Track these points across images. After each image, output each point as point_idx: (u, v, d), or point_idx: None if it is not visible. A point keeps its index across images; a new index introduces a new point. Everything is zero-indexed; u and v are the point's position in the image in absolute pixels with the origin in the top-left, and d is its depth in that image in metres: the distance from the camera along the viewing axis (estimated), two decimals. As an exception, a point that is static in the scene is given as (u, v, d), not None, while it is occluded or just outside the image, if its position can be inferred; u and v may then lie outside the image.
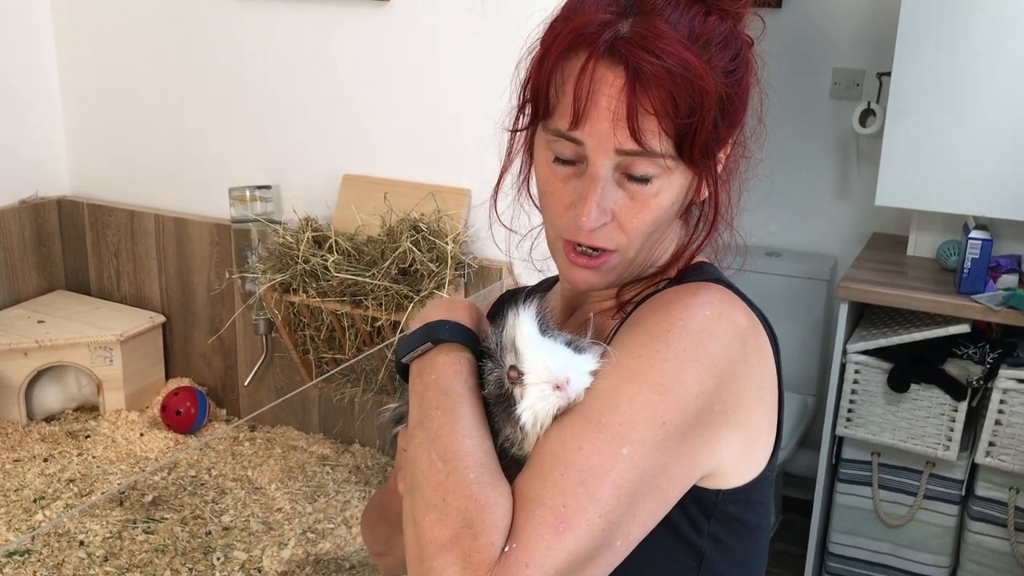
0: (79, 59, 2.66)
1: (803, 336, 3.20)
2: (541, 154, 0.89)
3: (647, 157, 0.83)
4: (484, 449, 0.78)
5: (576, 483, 0.73)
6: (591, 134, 0.82)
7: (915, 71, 2.52)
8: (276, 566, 1.88)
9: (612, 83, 0.81)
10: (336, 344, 2.21)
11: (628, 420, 0.76)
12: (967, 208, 2.53)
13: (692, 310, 0.83)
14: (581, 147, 0.84)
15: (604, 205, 0.85)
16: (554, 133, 0.86)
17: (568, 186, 0.87)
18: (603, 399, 0.78)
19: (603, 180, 0.84)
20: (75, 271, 2.76)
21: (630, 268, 0.91)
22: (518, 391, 0.79)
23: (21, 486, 2.12)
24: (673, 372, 0.79)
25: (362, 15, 2.24)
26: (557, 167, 0.87)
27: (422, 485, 0.76)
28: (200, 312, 2.58)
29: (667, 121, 0.81)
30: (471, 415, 0.80)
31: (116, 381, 2.46)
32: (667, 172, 0.85)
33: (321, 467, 2.30)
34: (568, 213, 0.87)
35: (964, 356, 2.47)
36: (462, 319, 0.87)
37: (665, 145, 0.82)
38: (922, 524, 2.60)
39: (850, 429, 2.60)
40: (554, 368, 0.78)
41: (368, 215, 2.20)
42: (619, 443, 0.75)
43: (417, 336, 0.87)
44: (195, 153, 2.56)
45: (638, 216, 0.86)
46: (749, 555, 0.92)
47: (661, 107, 0.80)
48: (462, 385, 0.82)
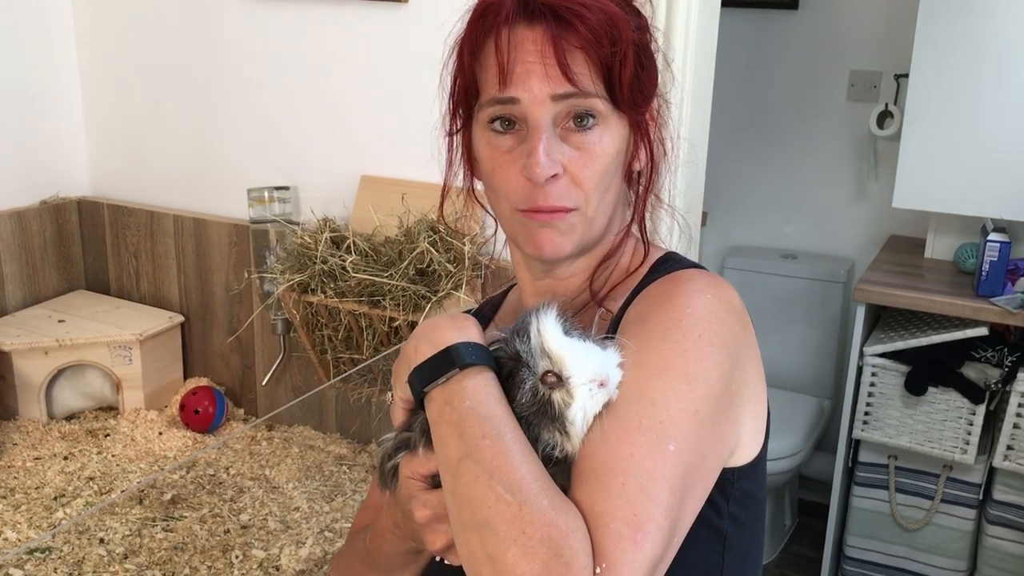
0: (99, 61, 2.69)
1: (819, 338, 3.19)
2: (481, 138, 0.92)
3: (582, 97, 0.86)
4: (543, 472, 0.76)
5: (638, 490, 0.74)
6: (524, 88, 0.86)
7: (933, 73, 2.52)
8: (294, 564, 1.89)
9: (532, 38, 0.86)
10: (353, 344, 2.22)
11: (666, 416, 0.78)
12: (985, 210, 2.53)
13: (694, 296, 0.86)
14: (517, 106, 0.87)
15: (552, 155, 0.87)
16: (488, 104, 0.89)
17: (512, 155, 0.89)
18: (638, 400, 0.79)
19: (545, 129, 0.87)
20: (95, 271, 2.78)
21: (591, 231, 0.93)
22: (558, 395, 0.79)
23: (42, 484, 2.14)
24: (695, 360, 0.81)
25: (380, 16, 2.25)
26: (498, 140, 0.90)
27: (493, 521, 0.72)
28: (218, 312, 2.59)
29: (592, 52, 0.85)
30: (519, 439, 0.77)
31: (135, 380, 2.48)
32: (604, 119, 0.88)
33: (338, 467, 2.31)
34: (520, 180, 0.89)
35: (982, 359, 2.46)
36: (474, 336, 0.83)
37: (597, 85, 0.87)
38: (939, 528, 2.59)
39: (867, 432, 2.59)
40: (595, 367, 0.80)
41: (386, 216, 2.21)
42: (664, 441, 0.77)
43: (438, 363, 0.82)
44: (214, 154, 2.57)
45: (588, 166, 0.89)
46: (758, 528, 0.96)
47: (584, 41, 0.85)
48: (500, 408, 0.78)
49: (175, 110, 2.60)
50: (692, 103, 1.96)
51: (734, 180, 3.34)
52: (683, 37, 1.90)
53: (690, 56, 1.92)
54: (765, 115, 3.28)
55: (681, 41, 1.90)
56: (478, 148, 0.94)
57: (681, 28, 1.89)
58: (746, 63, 3.25)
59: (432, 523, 0.85)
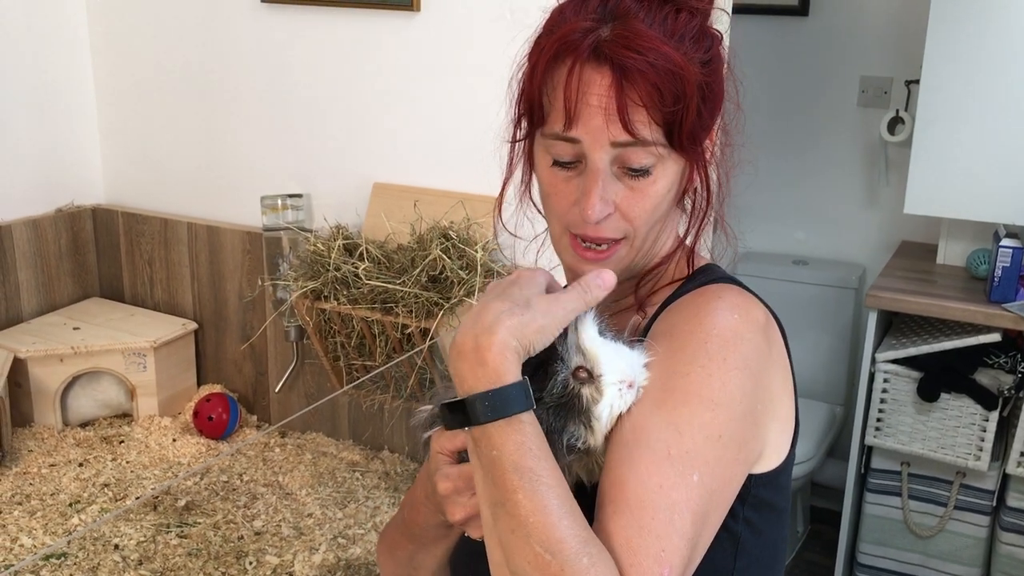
0: (114, 70, 2.71)
1: (831, 345, 3.19)
2: (541, 159, 0.95)
3: (640, 147, 0.89)
4: (580, 524, 0.76)
5: (666, 524, 0.77)
6: (586, 131, 0.89)
7: (944, 78, 2.51)
8: (307, 571, 1.89)
9: (600, 83, 0.88)
10: (366, 351, 2.23)
11: (692, 446, 0.81)
12: (997, 216, 2.52)
13: (720, 316, 0.88)
14: (578, 145, 0.90)
15: (606, 197, 0.91)
16: (551, 137, 0.92)
17: (570, 185, 0.93)
18: (665, 428, 0.81)
19: (603, 173, 0.90)
20: (109, 278, 2.80)
21: (637, 257, 0.96)
22: (587, 390, 0.83)
23: (57, 490, 2.15)
24: (719, 385, 0.83)
25: (393, 24, 2.26)
26: (558, 170, 0.93)
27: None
28: (232, 319, 2.61)
29: (655, 111, 0.88)
30: (553, 489, 0.76)
31: (149, 387, 2.49)
32: (660, 160, 0.91)
33: (351, 473, 2.32)
34: (573, 209, 0.93)
35: (995, 365, 2.45)
36: (500, 367, 0.78)
37: (655, 134, 0.89)
38: (952, 535, 2.58)
39: (879, 439, 2.59)
40: (625, 368, 0.84)
41: (398, 223, 2.22)
42: (689, 471, 0.80)
43: (455, 412, 0.80)
44: (227, 162, 2.59)
45: (639, 204, 0.92)
46: (777, 538, 0.97)
47: (648, 99, 0.87)
48: (531, 459, 0.77)
49: (189, 118, 2.62)
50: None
51: (744, 186, 3.34)
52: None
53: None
54: (776, 121, 3.28)
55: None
56: (538, 165, 0.97)
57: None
58: (756, 70, 3.24)
59: (453, 495, 0.88)
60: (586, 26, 0.89)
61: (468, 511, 0.88)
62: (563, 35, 0.89)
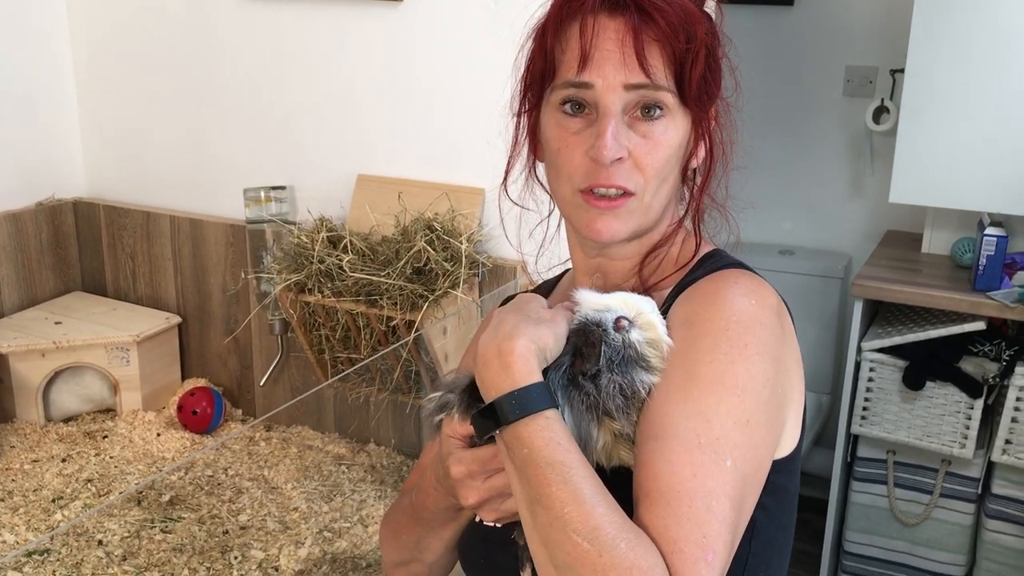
0: (94, 61, 2.68)
1: (817, 334, 3.19)
2: (550, 118, 0.96)
3: (653, 89, 0.91)
4: (615, 509, 0.78)
5: (704, 511, 0.78)
6: (600, 74, 0.90)
7: (929, 67, 2.51)
8: (293, 565, 1.89)
9: (615, 27, 0.90)
10: (351, 344, 2.21)
11: (721, 433, 0.82)
12: (982, 205, 2.52)
13: (738, 302, 0.89)
14: (590, 90, 0.91)
15: (620, 140, 0.91)
16: (563, 85, 0.93)
17: (580, 136, 0.93)
18: (694, 417, 0.83)
19: (615, 115, 0.91)
20: (91, 272, 2.77)
21: (647, 218, 0.97)
22: (635, 334, 0.87)
23: (40, 486, 2.14)
24: (743, 371, 0.85)
25: (375, 15, 2.25)
26: (567, 121, 0.94)
27: (575, 566, 0.75)
28: (216, 313, 2.59)
29: (668, 47, 0.90)
30: (586, 479, 0.78)
31: (133, 381, 2.48)
32: (671, 112, 0.93)
33: (337, 466, 2.31)
34: (584, 161, 0.93)
35: (980, 353, 2.46)
36: (523, 370, 0.82)
37: (668, 79, 0.91)
38: (938, 522, 2.59)
39: (865, 427, 2.59)
40: (648, 301, 0.90)
41: (382, 215, 2.21)
42: (722, 457, 0.81)
43: (485, 417, 0.83)
44: (210, 154, 2.57)
45: (652, 153, 0.93)
46: (788, 521, 1.00)
47: (662, 34, 0.89)
48: (561, 452, 0.79)
49: (170, 110, 2.60)
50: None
51: (730, 176, 3.33)
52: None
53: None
54: (761, 111, 3.27)
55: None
56: (546, 128, 0.97)
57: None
58: (742, 59, 3.24)
59: (466, 479, 0.90)
60: None
61: (482, 495, 0.89)
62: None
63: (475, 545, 1.06)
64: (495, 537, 0.99)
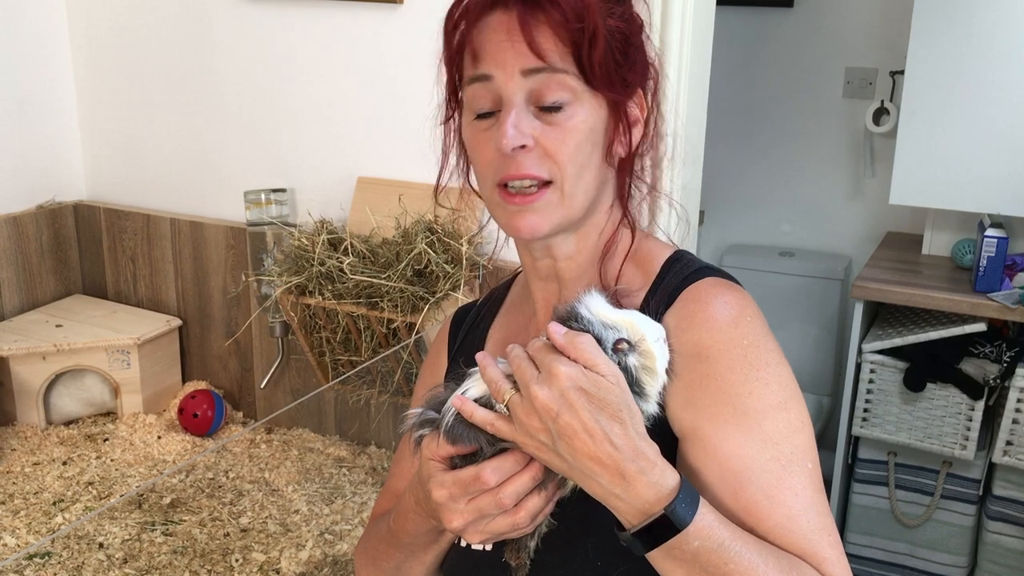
0: (94, 65, 2.68)
1: (818, 336, 3.19)
2: (467, 121, 0.96)
3: (550, 73, 0.89)
4: (774, 554, 0.83)
5: (817, 516, 0.86)
6: (495, 63, 0.90)
7: (929, 69, 2.51)
8: (294, 567, 1.88)
9: (504, 20, 0.90)
10: (352, 346, 2.21)
11: (791, 447, 0.87)
12: (982, 206, 2.53)
13: (740, 324, 0.90)
14: (491, 82, 0.91)
15: (521, 127, 0.90)
16: (469, 84, 0.93)
17: (489, 133, 0.93)
18: (764, 449, 0.86)
19: (516, 104, 0.90)
20: (92, 275, 2.77)
21: (572, 209, 0.94)
22: (633, 359, 0.85)
23: (41, 489, 2.14)
24: (778, 386, 0.88)
25: (375, 17, 2.25)
26: (479, 123, 0.93)
27: None
28: (216, 315, 2.59)
29: (560, 29, 0.89)
30: (747, 545, 0.82)
31: (133, 384, 2.48)
32: (576, 97, 0.91)
33: (338, 469, 2.30)
34: (495, 155, 0.92)
35: (980, 355, 2.46)
36: (667, 470, 0.82)
37: (566, 62, 0.89)
38: (939, 524, 2.59)
39: (866, 429, 2.59)
40: (657, 326, 0.88)
41: (383, 217, 2.21)
42: (802, 466, 0.87)
43: (653, 531, 0.81)
44: (210, 157, 2.57)
45: (559, 139, 0.91)
46: None
47: (549, 18, 0.88)
48: (722, 531, 0.81)
49: (170, 113, 2.60)
50: (688, 101, 1.96)
51: (731, 178, 3.34)
52: (679, 35, 1.90)
53: (686, 54, 1.92)
54: (761, 113, 3.28)
55: (677, 39, 1.90)
56: (465, 134, 0.97)
57: (677, 26, 1.89)
58: (742, 61, 3.25)
59: (448, 503, 0.88)
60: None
61: (466, 517, 0.87)
62: (457, 2, 0.93)
63: (465, 569, 1.03)
64: (486, 560, 0.98)
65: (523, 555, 0.93)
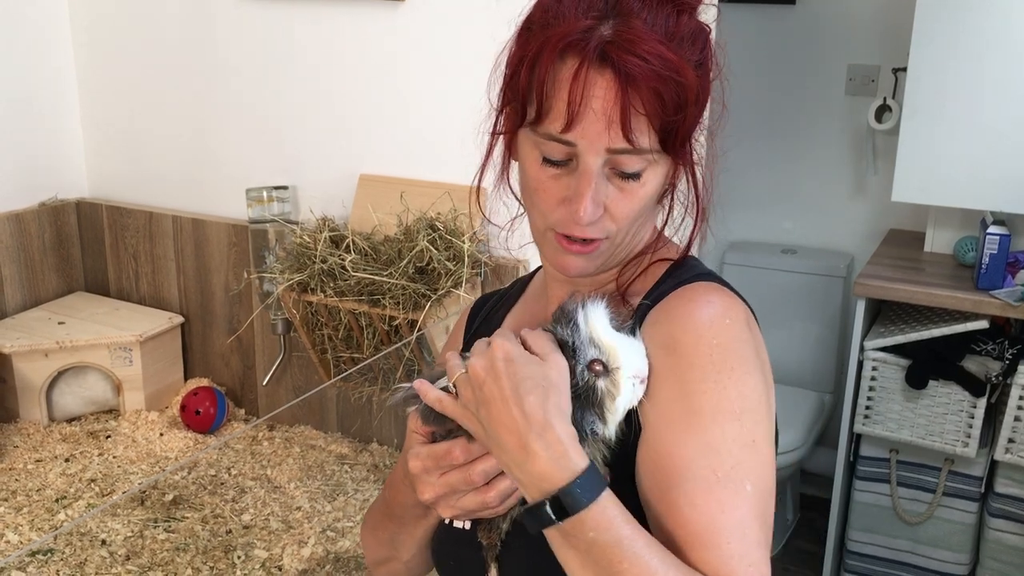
0: (96, 62, 2.68)
1: (820, 333, 3.19)
2: (529, 154, 0.93)
3: (636, 154, 0.88)
4: (678, 565, 0.79)
5: (741, 541, 0.81)
6: (584, 136, 0.87)
7: (931, 66, 2.51)
8: (296, 564, 1.89)
9: (603, 87, 0.85)
10: (354, 343, 2.22)
11: (734, 461, 0.83)
12: (984, 203, 2.52)
13: (714, 324, 0.89)
14: (573, 148, 0.88)
15: (598, 199, 0.89)
16: (545, 136, 0.89)
17: (559, 183, 0.91)
18: (703, 453, 0.83)
19: (596, 177, 0.89)
20: (94, 272, 2.78)
21: (615, 253, 0.97)
22: (603, 383, 0.85)
23: (43, 486, 2.14)
24: (737, 395, 0.85)
25: (378, 14, 2.25)
26: (547, 167, 0.91)
27: None
28: (218, 312, 2.59)
29: (656, 119, 0.86)
30: (648, 547, 0.79)
31: (136, 381, 2.48)
32: (652, 165, 0.90)
33: (340, 466, 2.31)
34: (561, 208, 0.91)
35: (982, 352, 2.46)
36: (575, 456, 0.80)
37: (652, 141, 0.88)
38: (941, 521, 2.59)
39: (868, 426, 2.59)
40: (638, 363, 0.86)
41: (385, 214, 2.21)
42: (741, 485, 0.83)
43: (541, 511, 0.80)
44: (212, 154, 2.57)
45: (627, 206, 0.91)
46: None
47: (650, 107, 0.85)
48: (622, 527, 0.79)
49: (173, 111, 2.60)
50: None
51: (733, 175, 3.33)
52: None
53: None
54: (763, 110, 3.27)
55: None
56: (525, 158, 0.94)
57: (678, 24, 1.88)
58: (744, 58, 3.24)
59: (422, 474, 0.90)
60: (588, 24, 0.85)
61: (437, 491, 0.90)
62: (565, 32, 0.85)
63: (447, 546, 1.06)
64: (465, 538, 0.99)
65: (494, 535, 0.95)
